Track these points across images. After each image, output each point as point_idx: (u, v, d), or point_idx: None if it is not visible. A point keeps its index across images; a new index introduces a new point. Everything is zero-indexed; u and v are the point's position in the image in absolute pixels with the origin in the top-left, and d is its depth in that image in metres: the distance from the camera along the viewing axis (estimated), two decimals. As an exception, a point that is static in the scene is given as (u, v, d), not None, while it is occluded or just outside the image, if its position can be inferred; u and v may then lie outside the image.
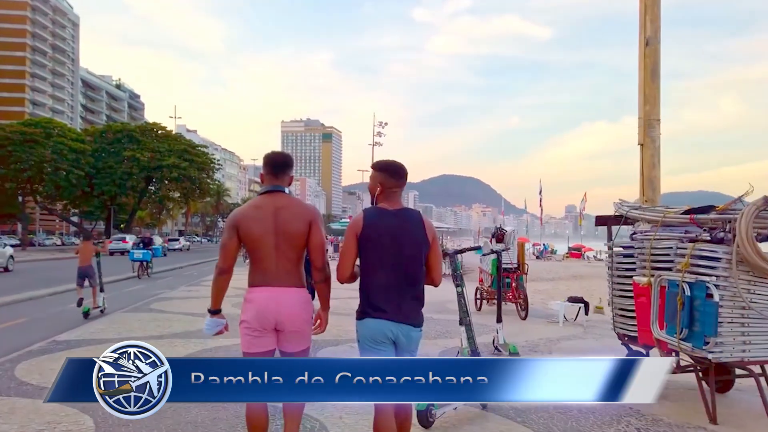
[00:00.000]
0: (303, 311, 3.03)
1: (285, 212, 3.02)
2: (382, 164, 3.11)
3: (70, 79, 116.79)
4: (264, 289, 3.00)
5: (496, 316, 7.21)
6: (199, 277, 19.88)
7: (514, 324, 9.53)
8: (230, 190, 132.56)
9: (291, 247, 3.01)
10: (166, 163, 56.05)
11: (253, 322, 2.98)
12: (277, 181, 3.13)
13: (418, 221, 3.03)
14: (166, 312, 10.35)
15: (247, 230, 3.02)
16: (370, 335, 2.91)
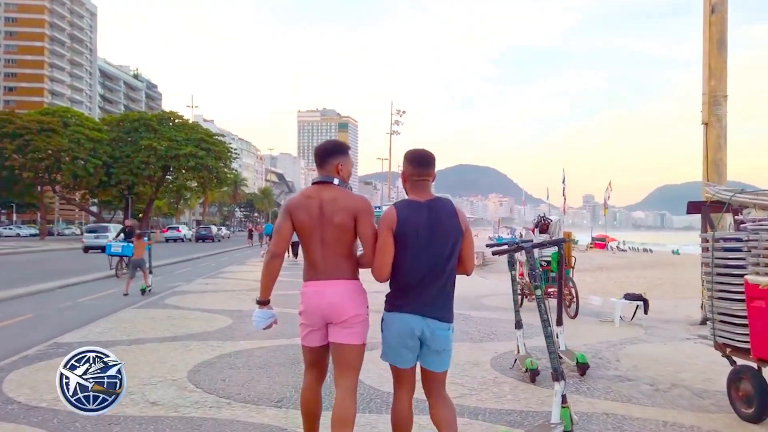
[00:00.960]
0: (352, 303, 2.89)
1: (330, 204, 2.90)
2: (408, 154, 2.97)
3: (89, 69, 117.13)
4: (313, 284, 2.93)
5: (557, 317, 6.25)
6: (218, 269, 19.15)
7: (565, 323, 8.56)
8: (247, 179, 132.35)
9: (337, 240, 2.89)
10: (183, 151, 55.54)
11: (304, 317, 2.96)
12: (323, 172, 3.01)
13: (451, 211, 2.91)
14: (182, 308, 9.55)
15: (296, 219, 2.94)
16: (395, 330, 2.84)
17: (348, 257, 2.94)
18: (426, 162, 2.95)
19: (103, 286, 13.76)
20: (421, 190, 2.95)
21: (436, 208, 2.90)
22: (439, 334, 2.84)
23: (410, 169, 2.95)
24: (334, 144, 3.11)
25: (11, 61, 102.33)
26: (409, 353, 2.86)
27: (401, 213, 2.87)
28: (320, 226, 2.90)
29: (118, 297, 11.45)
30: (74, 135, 52.15)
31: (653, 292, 12.88)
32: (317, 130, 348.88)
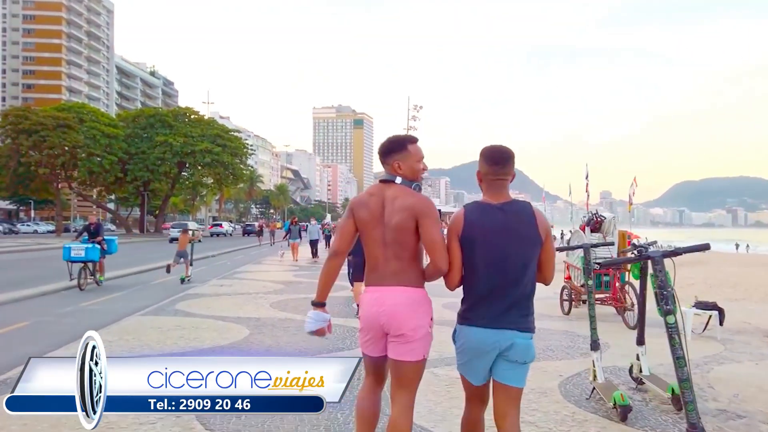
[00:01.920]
0: (413, 314, 2.67)
1: (391, 204, 2.75)
2: (483, 150, 2.75)
3: (106, 66, 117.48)
4: (373, 290, 2.77)
5: (637, 334, 5.19)
6: (233, 268, 18.27)
7: (622, 335, 7.49)
8: (263, 176, 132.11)
9: (397, 243, 2.72)
10: (198, 148, 55.02)
11: (364, 324, 2.79)
12: (387, 170, 2.86)
13: (529, 216, 2.67)
14: (193, 315, 8.60)
15: (358, 217, 2.82)
16: (468, 345, 2.64)
17: (412, 262, 2.74)
18: (502, 159, 2.69)
19: (112, 288, 12.90)
20: (497, 191, 2.71)
21: (512, 212, 2.66)
22: (520, 343, 2.61)
23: (485, 167, 2.71)
24: (393, 141, 2.88)
25: (29, 58, 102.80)
26: (483, 370, 2.67)
27: (469, 216, 2.67)
28: (381, 226, 2.75)
29: (124, 301, 10.58)
30: (90, 131, 51.87)
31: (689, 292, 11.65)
32: (332, 126, 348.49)
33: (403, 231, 2.69)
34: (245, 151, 61.80)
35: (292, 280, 14.14)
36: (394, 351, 2.68)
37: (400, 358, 2.67)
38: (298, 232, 21.91)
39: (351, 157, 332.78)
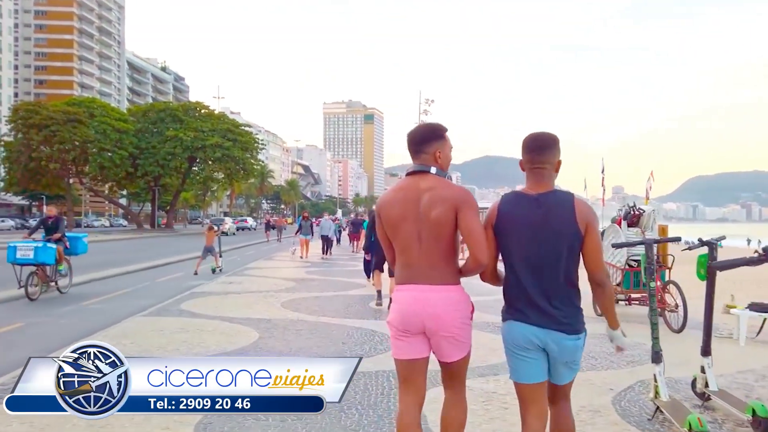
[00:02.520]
0: (455, 312, 2.54)
1: (427, 196, 2.55)
2: (525, 138, 2.59)
3: (117, 62, 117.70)
4: (409, 287, 2.56)
5: (703, 343, 4.51)
6: (243, 264, 17.70)
7: (666, 339, 6.77)
8: (274, 171, 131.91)
9: (435, 236, 2.53)
10: (209, 142, 54.61)
11: (398, 325, 2.58)
12: (419, 161, 2.65)
13: (568, 206, 2.48)
14: (199, 316, 8.00)
15: (387, 216, 2.63)
16: (512, 340, 2.53)
17: (449, 258, 2.59)
18: (541, 147, 2.56)
19: (117, 285, 12.38)
20: (536, 181, 2.56)
21: (549, 203, 2.51)
22: (567, 344, 2.49)
23: (524, 154, 2.59)
24: (430, 129, 2.74)
25: (41, 54, 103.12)
26: (533, 366, 2.52)
27: (503, 207, 2.57)
28: (416, 221, 2.56)
29: (128, 299, 10.04)
30: (100, 126, 51.64)
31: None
32: (343, 122, 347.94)
33: (442, 224, 2.53)
34: (256, 145, 61.29)
35: (304, 277, 13.54)
36: (443, 353, 2.58)
37: (450, 359, 2.59)
38: (309, 227, 20.66)
39: (361, 153, 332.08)
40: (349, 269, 16.11)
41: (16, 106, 54.93)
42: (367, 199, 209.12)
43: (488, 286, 2.82)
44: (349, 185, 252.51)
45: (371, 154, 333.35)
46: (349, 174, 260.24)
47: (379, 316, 8.23)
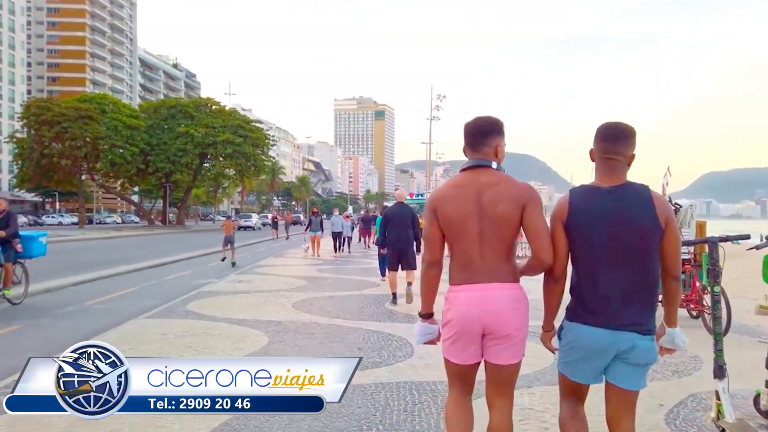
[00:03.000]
0: (515, 311, 2.43)
1: (491, 192, 2.44)
2: (599, 127, 2.47)
3: (129, 59, 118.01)
4: (468, 287, 2.44)
5: (768, 357, 3.97)
6: (253, 261, 17.27)
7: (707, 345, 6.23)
8: (285, 168, 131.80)
9: (498, 235, 2.42)
10: (220, 138, 54.38)
11: (455, 327, 2.46)
12: (478, 155, 2.54)
13: (645, 200, 2.35)
14: (206, 317, 7.56)
15: (445, 214, 2.49)
16: (581, 342, 2.40)
17: (509, 257, 2.48)
18: (616, 136, 2.40)
19: (123, 283, 12.01)
20: (608, 173, 2.41)
21: (623, 197, 2.35)
22: (641, 345, 2.34)
23: (596, 143, 2.44)
24: (491, 122, 2.57)
25: (54, 51, 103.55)
26: (594, 371, 2.42)
27: (574, 201, 2.42)
28: (478, 219, 2.43)
29: (133, 299, 9.66)
30: (112, 122, 51.57)
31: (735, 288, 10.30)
32: (354, 118, 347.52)
33: (506, 222, 2.43)
34: (267, 141, 60.97)
35: (316, 276, 13.08)
36: (497, 355, 2.47)
37: (504, 363, 2.47)
38: (319, 223, 19.68)
39: (372, 149, 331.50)
40: (363, 267, 15.64)
41: (28, 103, 54.99)
42: (377, 195, 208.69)
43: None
44: (360, 182, 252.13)
45: (382, 150, 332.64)
46: (360, 170, 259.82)
47: (395, 318, 7.75)
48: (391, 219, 8.92)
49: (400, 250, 8.71)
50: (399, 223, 8.74)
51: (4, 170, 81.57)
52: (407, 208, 9.15)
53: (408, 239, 8.76)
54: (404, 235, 8.74)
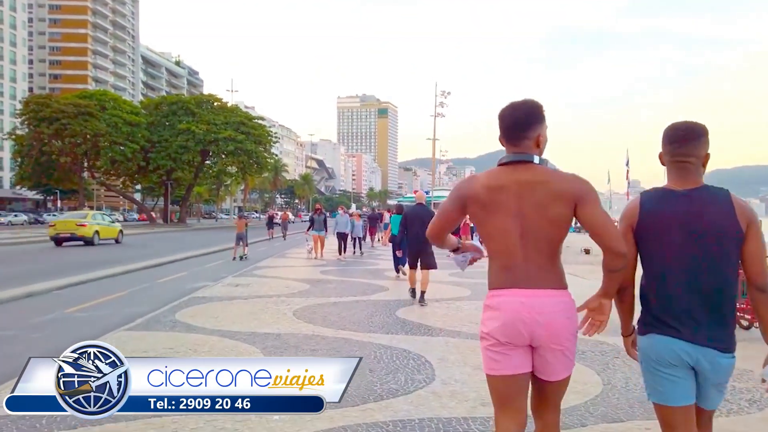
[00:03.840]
0: (567, 320, 2.19)
1: (535, 190, 2.19)
2: (666, 128, 2.32)
3: (131, 56, 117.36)
4: (512, 292, 2.20)
5: None
6: (254, 262, 16.44)
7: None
8: (287, 166, 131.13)
9: (544, 236, 2.19)
10: (221, 135, 53.64)
11: (498, 336, 2.21)
12: (518, 149, 2.26)
13: (725, 204, 2.18)
14: (195, 329, 6.71)
15: (479, 213, 2.26)
16: (657, 357, 2.21)
17: (555, 258, 2.24)
18: (685, 137, 2.24)
19: (112, 287, 11.18)
20: (681, 176, 2.24)
21: (701, 200, 2.19)
22: (721, 363, 2.18)
23: (665, 146, 2.28)
24: (529, 110, 2.27)
25: (55, 48, 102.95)
26: (682, 386, 2.20)
27: (646, 204, 2.27)
28: (521, 219, 2.20)
29: (119, 305, 8.84)
30: (112, 119, 50.85)
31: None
32: (357, 116, 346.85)
33: (557, 223, 2.19)
34: (269, 138, 60.22)
35: (320, 278, 12.22)
36: (547, 369, 2.22)
37: (554, 378, 2.23)
38: (322, 222, 17.91)
39: (375, 147, 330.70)
40: (369, 268, 14.79)
41: (27, 99, 54.33)
42: (381, 193, 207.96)
43: None
44: (363, 180, 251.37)
45: (385, 148, 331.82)
46: (363, 168, 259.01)
47: (409, 328, 6.90)
48: (410, 219, 9.18)
49: (419, 250, 8.98)
50: (418, 223, 8.90)
51: (6, 168, 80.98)
52: (426, 209, 9.45)
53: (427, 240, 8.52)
54: (422, 236, 8.57)
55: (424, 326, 7.03)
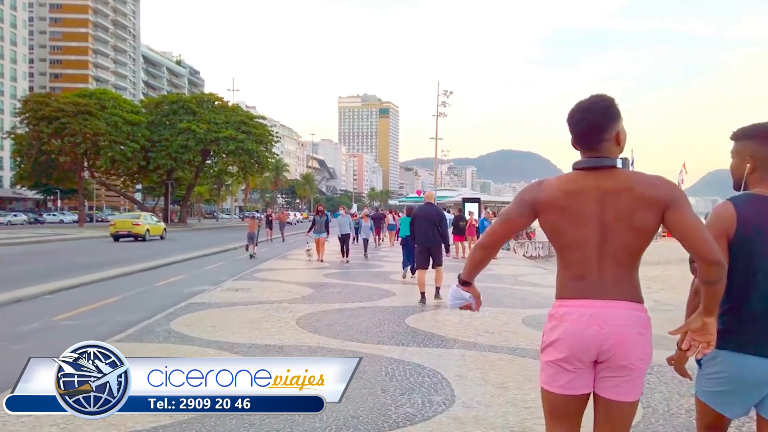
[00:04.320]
0: (641, 336, 1.99)
1: (619, 198, 1.99)
2: (749, 130, 2.20)
3: (132, 56, 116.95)
4: (582, 303, 2.02)
5: None
6: (255, 264, 15.94)
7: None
8: (289, 165, 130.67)
9: (626, 246, 2.00)
10: (222, 134, 53.14)
11: (562, 349, 2.02)
12: (596, 153, 2.04)
13: None
14: (190, 340, 6.22)
15: (554, 222, 2.07)
16: (735, 375, 2.09)
17: (634, 270, 2.05)
18: None
19: (106, 291, 10.71)
20: None
21: None
22: None
23: (758, 148, 2.17)
24: (605, 109, 2.03)
25: (56, 47, 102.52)
26: (746, 404, 2.12)
27: (743, 212, 2.11)
28: (601, 228, 2.01)
29: (111, 312, 8.41)
30: (112, 118, 50.34)
31: None
32: (358, 116, 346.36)
33: (642, 232, 2.00)
34: (270, 138, 59.70)
35: (323, 282, 11.73)
36: (613, 389, 2.02)
37: (621, 399, 2.01)
38: (324, 224, 16.92)
39: (376, 147, 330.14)
40: (374, 271, 14.30)
41: (26, 98, 53.82)
42: (382, 193, 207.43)
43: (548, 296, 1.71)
44: (364, 179, 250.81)
45: (386, 148, 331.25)
46: (364, 168, 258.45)
47: (420, 339, 6.42)
48: (419, 218, 9.16)
49: (429, 248, 9.05)
50: (427, 222, 8.99)
51: (6, 167, 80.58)
52: (435, 208, 9.48)
53: (436, 238, 9.07)
54: (432, 234, 9.01)
55: (437, 336, 6.54)
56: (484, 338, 6.49)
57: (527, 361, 5.43)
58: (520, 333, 6.72)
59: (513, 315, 8.02)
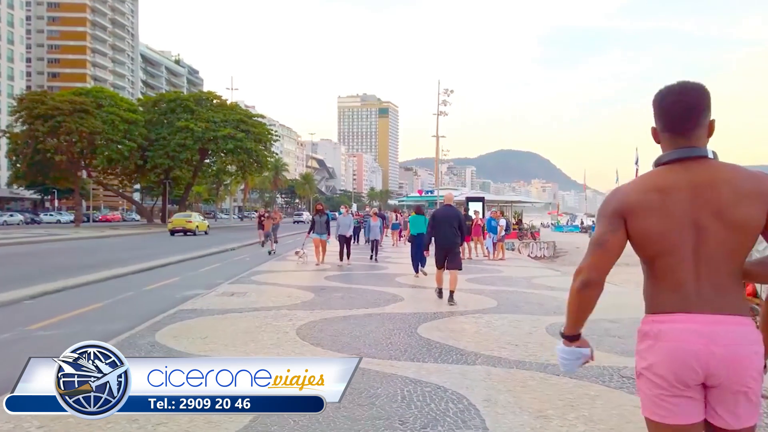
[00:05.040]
0: (755, 355, 1.75)
1: (717, 191, 1.75)
2: None
3: (131, 55, 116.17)
4: (682, 318, 1.76)
5: None
6: (252, 266, 15.17)
7: None
8: (288, 165, 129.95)
9: (726, 249, 1.75)
10: (221, 133, 52.38)
11: (664, 373, 1.76)
12: (688, 141, 1.81)
13: None
14: (176, 354, 5.47)
15: (643, 228, 1.81)
16: None
17: (738, 277, 1.80)
18: None
19: (91, 296, 9.96)
20: None
21: None
22: None
23: None
24: (700, 93, 1.82)
25: (54, 46, 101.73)
26: None
27: None
28: (696, 229, 1.76)
29: (92, 321, 7.68)
30: (108, 116, 49.56)
31: None
32: (357, 115, 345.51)
33: (746, 229, 1.75)
34: (269, 136, 58.91)
35: (325, 286, 10.99)
36: (728, 415, 1.75)
37: (741, 425, 1.75)
38: (324, 224, 15.52)
39: (376, 146, 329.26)
40: (379, 272, 13.56)
41: (21, 96, 53.00)
42: (382, 193, 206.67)
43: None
44: (364, 179, 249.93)
45: (386, 148, 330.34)
46: (364, 168, 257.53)
47: (436, 352, 5.68)
48: (438, 220, 9.17)
49: (447, 250, 9.01)
50: (446, 224, 9.00)
51: (3, 167, 79.83)
52: (454, 210, 9.52)
53: (455, 240, 9.03)
54: (451, 236, 9.01)
55: (455, 350, 5.80)
56: (509, 351, 5.76)
57: (564, 381, 4.69)
58: (547, 345, 5.98)
59: (536, 323, 7.29)
